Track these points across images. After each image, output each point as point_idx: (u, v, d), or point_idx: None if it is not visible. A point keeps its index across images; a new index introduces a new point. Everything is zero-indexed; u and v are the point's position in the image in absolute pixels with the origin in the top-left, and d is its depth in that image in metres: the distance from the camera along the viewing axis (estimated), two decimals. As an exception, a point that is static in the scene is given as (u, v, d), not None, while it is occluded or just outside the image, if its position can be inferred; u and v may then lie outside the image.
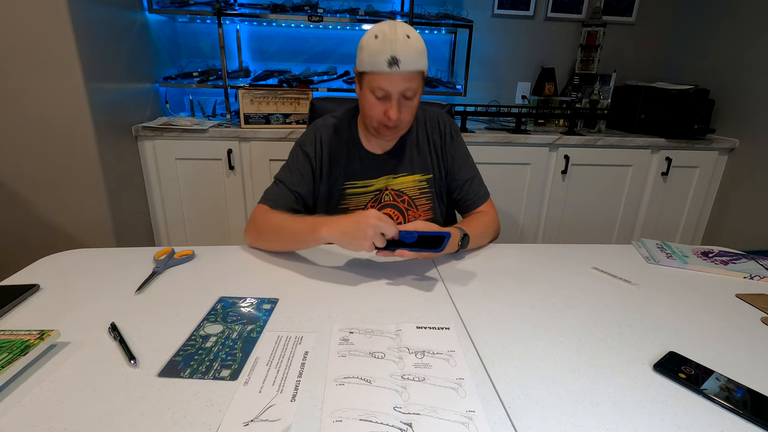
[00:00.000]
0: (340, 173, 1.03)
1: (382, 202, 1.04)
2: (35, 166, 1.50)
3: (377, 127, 0.96)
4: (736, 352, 0.62)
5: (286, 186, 1.00)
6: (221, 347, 0.60)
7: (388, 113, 0.91)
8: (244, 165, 1.86)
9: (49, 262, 0.85)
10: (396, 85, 0.88)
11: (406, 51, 0.86)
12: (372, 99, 0.91)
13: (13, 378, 0.52)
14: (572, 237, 2.12)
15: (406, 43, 0.86)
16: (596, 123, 2.15)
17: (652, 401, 0.52)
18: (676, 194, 2.09)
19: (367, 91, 0.92)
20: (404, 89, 0.89)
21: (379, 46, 0.86)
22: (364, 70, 0.90)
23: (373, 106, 0.92)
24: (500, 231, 1.08)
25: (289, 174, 1.01)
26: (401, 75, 0.87)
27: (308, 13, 1.91)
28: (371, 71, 0.88)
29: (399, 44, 0.85)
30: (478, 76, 2.32)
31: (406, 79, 0.88)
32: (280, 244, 0.92)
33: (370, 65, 0.88)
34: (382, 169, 1.04)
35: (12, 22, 1.34)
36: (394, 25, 0.88)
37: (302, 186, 1.01)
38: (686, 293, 0.80)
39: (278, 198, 0.98)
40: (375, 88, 0.89)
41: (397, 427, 0.46)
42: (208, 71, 2.03)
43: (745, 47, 1.97)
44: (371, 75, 0.89)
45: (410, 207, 1.06)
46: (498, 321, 0.68)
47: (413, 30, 0.89)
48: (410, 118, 0.96)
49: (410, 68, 0.87)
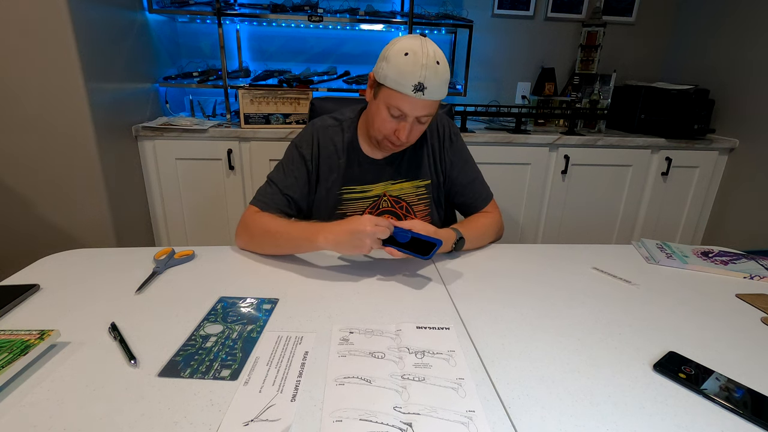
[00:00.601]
0: (338, 178, 1.01)
1: (380, 209, 1.03)
2: (35, 166, 1.50)
3: (381, 140, 0.94)
4: (736, 352, 0.62)
5: (279, 188, 0.98)
6: (221, 347, 0.60)
7: (398, 133, 0.90)
8: (244, 165, 1.86)
9: (49, 262, 0.85)
10: (415, 111, 0.87)
11: (434, 80, 0.84)
12: (385, 114, 0.89)
13: (13, 378, 0.52)
14: (572, 237, 2.12)
15: (436, 71, 0.83)
16: (596, 123, 2.15)
17: (652, 401, 0.52)
18: (676, 194, 2.09)
19: (382, 104, 0.89)
20: (422, 115, 0.88)
21: (409, 68, 0.83)
22: (387, 85, 0.86)
23: (385, 121, 0.90)
24: (503, 231, 1.07)
25: (283, 176, 0.99)
26: (424, 102, 0.86)
27: (308, 13, 1.91)
28: (394, 89, 0.85)
29: (430, 72, 0.83)
30: (478, 76, 2.32)
31: (427, 107, 0.87)
32: (273, 249, 0.90)
33: (394, 83, 0.84)
34: (380, 175, 1.02)
35: (12, 22, 1.34)
36: (425, 44, 0.84)
37: (295, 190, 0.99)
38: (686, 293, 0.80)
39: (269, 200, 0.97)
40: (392, 107, 0.87)
41: (397, 427, 0.46)
42: (208, 71, 2.03)
43: (745, 47, 1.97)
44: (392, 92, 0.86)
45: (408, 213, 1.04)
46: (498, 321, 0.68)
47: (442, 54, 0.86)
48: (416, 138, 0.95)
49: (434, 97, 0.86)
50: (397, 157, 1.03)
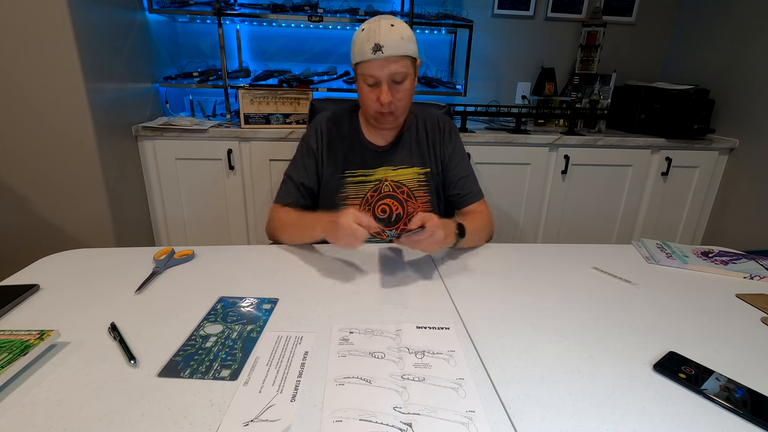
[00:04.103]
0: (340, 162, 1.07)
1: (381, 193, 1.07)
2: (35, 166, 1.50)
3: (375, 116, 1.01)
4: (736, 352, 0.62)
5: (294, 181, 1.07)
6: (221, 347, 0.60)
7: (380, 98, 0.96)
8: (244, 165, 1.86)
9: (49, 262, 0.85)
10: (382, 70, 0.93)
11: (388, 36, 0.92)
12: (365, 88, 0.98)
13: (13, 378, 0.52)
14: (572, 237, 2.12)
15: (389, 30, 0.93)
16: (596, 123, 2.15)
17: (652, 401, 0.52)
18: (676, 194, 2.09)
19: (361, 82, 0.98)
20: (392, 73, 0.94)
21: (365, 36, 0.93)
22: (355, 61, 0.97)
23: (367, 94, 0.98)
24: (494, 232, 1.11)
25: (295, 169, 1.09)
26: (386, 59, 0.93)
27: (308, 13, 1.91)
28: (360, 61, 0.95)
29: (382, 31, 0.92)
30: (478, 76, 2.32)
31: (392, 63, 0.93)
32: (293, 239, 0.99)
33: (359, 56, 0.95)
34: (381, 160, 1.08)
35: (12, 22, 1.34)
36: (379, 18, 0.95)
37: (306, 178, 1.08)
38: (686, 293, 0.80)
39: (287, 196, 1.07)
40: (366, 76, 0.96)
41: (397, 427, 0.46)
42: (208, 71, 2.03)
43: (745, 47, 1.97)
44: (361, 65, 0.95)
45: (409, 198, 1.08)
46: (498, 321, 0.68)
47: (400, 21, 0.95)
48: (405, 103, 1.00)
49: (394, 53, 0.93)
50: (399, 145, 1.08)
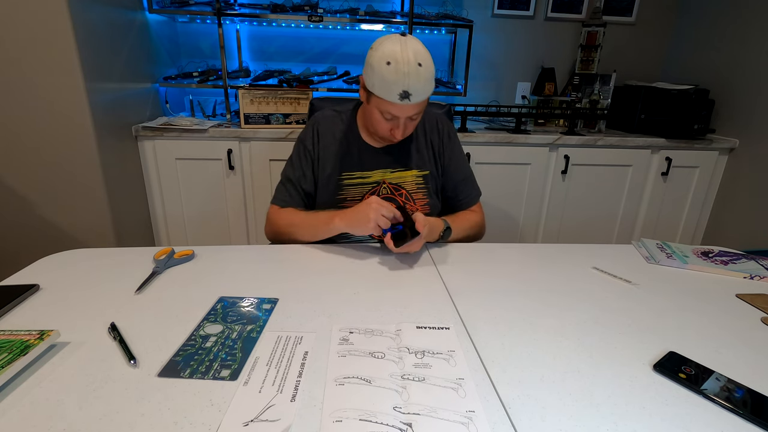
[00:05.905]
0: (337, 163, 1.06)
1: (379, 195, 1.06)
2: (35, 166, 1.50)
3: (383, 137, 1.01)
4: (736, 352, 0.62)
5: (292, 183, 1.06)
6: (221, 347, 0.60)
7: (394, 132, 0.96)
8: (244, 165, 1.86)
9: (49, 262, 0.85)
10: (405, 113, 0.93)
11: (418, 84, 0.88)
12: (379, 117, 0.96)
13: (13, 378, 0.52)
14: (572, 237, 2.12)
15: (418, 75, 0.87)
16: (596, 123, 2.15)
17: (652, 401, 0.52)
18: (676, 194, 2.09)
19: (374, 108, 0.95)
20: (413, 114, 0.94)
21: (392, 77, 0.87)
22: (375, 93, 0.91)
23: (380, 122, 0.97)
24: (485, 232, 1.14)
25: (293, 170, 1.07)
26: (412, 106, 0.92)
27: (308, 13, 1.91)
28: (382, 98, 0.91)
29: (412, 79, 0.87)
30: (478, 76, 2.32)
31: (415, 108, 0.93)
32: (296, 238, 0.99)
33: (381, 92, 0.90)
34: (379, 162, 1.07)
35: (12, 22, 1.34)
36: (405, 48, 0.87)
37: (304, 179, 1.06)
38: (686, 293, 0.80)
39: (286, 197, 1.06)
40: (384, 111, 0.93)
41: (397, 427, 0.46)
42: (208, 71, 2.03)
43: (745, 47, 1.97)
44: (381, 100, 0.91)
45: (408, 200, 1.08)
46: (498, 321, 0.68)
47: (424, 51, 0.89)
48: (412, 131, 1.02)
49: (420, 100, 0.91)
50: (396, 147, 1.08)
